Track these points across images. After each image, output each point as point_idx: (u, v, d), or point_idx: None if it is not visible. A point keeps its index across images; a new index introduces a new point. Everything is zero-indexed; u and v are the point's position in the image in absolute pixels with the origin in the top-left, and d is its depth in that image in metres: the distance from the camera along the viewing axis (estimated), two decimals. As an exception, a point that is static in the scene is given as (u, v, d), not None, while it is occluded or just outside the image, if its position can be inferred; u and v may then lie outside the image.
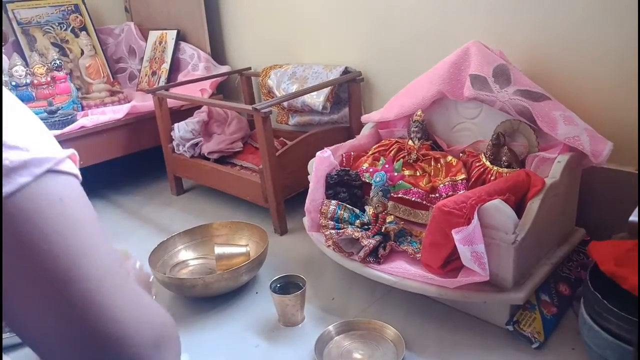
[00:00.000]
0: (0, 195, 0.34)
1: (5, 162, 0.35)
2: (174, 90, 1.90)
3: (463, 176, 1.21)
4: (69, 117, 1.83)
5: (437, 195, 1.21)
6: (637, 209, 0.90)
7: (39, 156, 0.37)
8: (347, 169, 1.29)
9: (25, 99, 1.82)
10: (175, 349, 0.46)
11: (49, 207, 0.37)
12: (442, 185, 1.22)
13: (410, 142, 1.32)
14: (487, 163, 1.19)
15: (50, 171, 0.38)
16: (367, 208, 1.23)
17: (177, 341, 0.47)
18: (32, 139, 0.38)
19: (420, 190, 1.22)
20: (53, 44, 2.23)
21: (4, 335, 1.12)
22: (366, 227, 1.19)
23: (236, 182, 1.64)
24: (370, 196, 1.21)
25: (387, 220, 1.18)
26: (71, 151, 0.42)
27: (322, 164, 1.27)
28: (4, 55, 2.00)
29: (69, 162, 0.41)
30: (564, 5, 1.21)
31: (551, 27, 1.25)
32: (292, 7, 1.86)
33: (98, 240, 0.41)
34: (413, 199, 1.22)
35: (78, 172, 0.42)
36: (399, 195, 1.23)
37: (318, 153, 1.28)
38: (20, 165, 0.36)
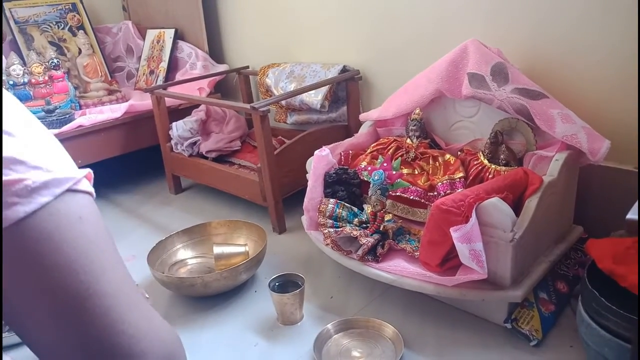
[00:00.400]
0: (0, 208, 0.35)
1: (27, 182, 0.36)
2: (172, 89, 1.89)
3: (461, 174, 1.21)
4: (67, 116, 1.83)
5: (436, 193, 1.21)
6: (636, 207, 0.90)
7: (59, 176, 0.38)
8: (345, 167, 1.29)
9: (23, 98, 1.82)
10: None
11: (68, 225, 0.38)
12: (440, 183, 1.22)
13: (408, 141, 1.32)
14: (485, 161, 1.19)
15: (69, 190, 0.39)
16: (365, 206, 1.23)
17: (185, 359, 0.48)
18: (53, 159, 0.38)
19: (418, 188, 1.23)
20: (50, 42, 2.23)
21: (4, 335, 1.12)
22: (364, 225, 1.19)
23: (234, 180, 1.63)
24: (369, 194, 1.21)
25: (386, 219, 1.18)
26: (87, 170, 0.43)
27: (320, 162, 1.27)
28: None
29: (85, 181, 0.42)
30: (563, 5, 1.21)
31: (550, 27, 1.25)
32: (290, 6, 1.86)
33: (113, 257, 0.42)
34: (411, 197, 1.22)
35: (93, 191, 0.43)
36: (398, 194, 1.24)
37: (316, 151, 1.28)
38: (41, 186, 0.37)
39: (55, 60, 1.93)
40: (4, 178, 0.34)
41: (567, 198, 1.16)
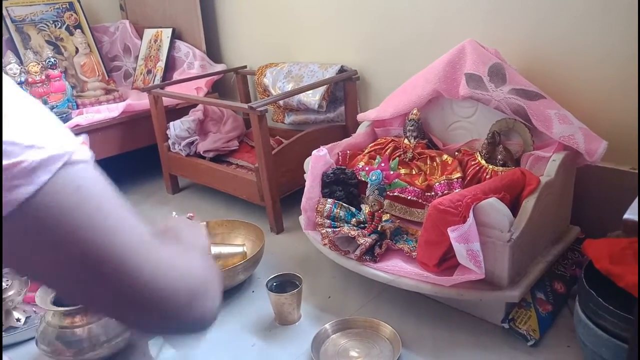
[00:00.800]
0: (0, 194, 0.35)
1: (24, 163, 0.36)
2: (170, 89, 1.89)
3: (459, 175, 1.21)
4: (64, 115, 1.82)
5: (433, 193, 1.21)
6: (633, 207, 0.90)
7: (54, 153, 0.38)
8: (343, 167, 1.29)
9: (20, 97, 1.81)
10: (210, 294, 0.50)
11: (68, 197, 0.39)
12: (437, 183, 1.22)
13: (406, 141, 1.32)
14: (483, 162, 1.19)
15: (66, 164, 0.39)
16: (363, 206, 1.23)
17: (213, 286, 0.51)
18: (46, 135, 0.39)
19: (416, 188, 1.23)
20: (47, 42, 2.22)
21: (3, 334, 1.12)
22: (362, 225, 1.19)
23: (232, 180, 1.63)
24: (367, 195, 1.21)
25: (383, 219, 1.18)
26: (81, 139, 0.43)
27: (318, 162, 1.27)
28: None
29: (81, 148, 0.42)
30: (561, 6, 1.21)
31: (548, 28, 1.25)
32: (288, 5, 1.86)
33: (122, 216, 0.44)
34: (409, 197, 1.22)
35: (91, 155, 0.43)
36: (395, 194, 1.24)
37: (314, 151, 1.28)
38: (38, 165, 0.37)
39: (52, 60, 1.92)
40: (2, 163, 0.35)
41: (564, 198, 1.16)
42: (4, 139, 0.36)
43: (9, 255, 0.38)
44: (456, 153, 1.29)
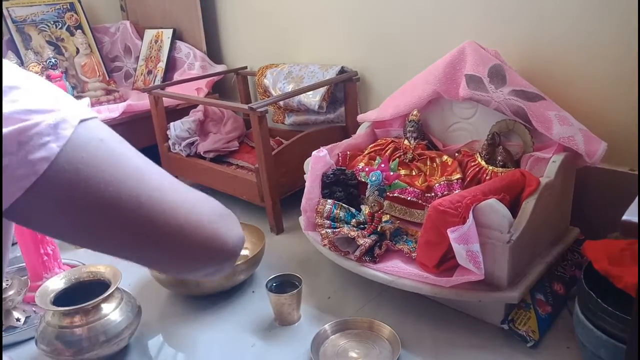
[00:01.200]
0: (1, 170, 0.36)
1: (47, 121, 0.38)
2: (170, 89, 1.89)
3: (458, 176, 1.21)
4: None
5: (433, 194, 1.21)
6: (632, 208, 0.90)
7: (70, 112, 0.41)
8: (343, 168, 1.29)
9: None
10: (232, 216, 0.56)
11: (96, 149, 0.41)
12: (437, 184, 1.22)
13: (406, 142, 1.33)
14: (483, 163, 1.20)
15: (82, 120, 0.42)
16: (363, 207, 1.23)
17: (230, 213, 0.56)
18: (60, 102, 0.41)
19: (415, 189, 1.23)
20: (48, 42, 2.23)
21: (3, 334, 1.12)
22: (362, 226, 1.19)
23: (232, 181, 1.63)
24: (366, 195, 1.22)
25: (383, 220, 1.18)
26: (86, 101, 0.46)
27: (318, 163, 1.27)
28: (-2, 54, 2.00)
29: (89, 109, 0.45)
30: (560, 6, 1.22)
31: (547, 28, 1.25)
32: (289, 6, 1.86)
33: (143, 160, 0.46)
34: (409, 198, 1.22)
35: (95, 113, 0.45)
36: (395, 195, 1.24)
37: (314, 152, 1.28)
38: (61, 122, 0.39)
39: (52, 60, 1.93)
40: (24, 124, 0.37)
41: (564, 199, 1.17)
42: (23, 107, 0.38)
43: (51, 220, 0.40)
44: (456, 154, 1.29)
